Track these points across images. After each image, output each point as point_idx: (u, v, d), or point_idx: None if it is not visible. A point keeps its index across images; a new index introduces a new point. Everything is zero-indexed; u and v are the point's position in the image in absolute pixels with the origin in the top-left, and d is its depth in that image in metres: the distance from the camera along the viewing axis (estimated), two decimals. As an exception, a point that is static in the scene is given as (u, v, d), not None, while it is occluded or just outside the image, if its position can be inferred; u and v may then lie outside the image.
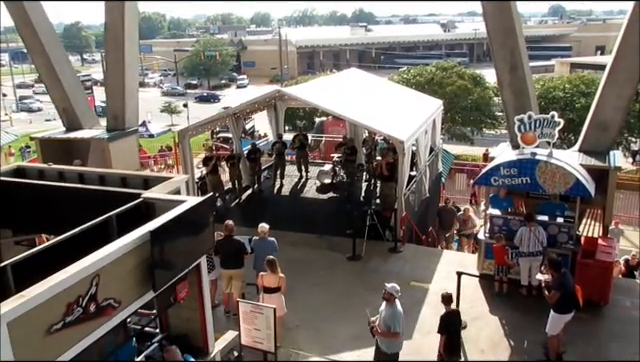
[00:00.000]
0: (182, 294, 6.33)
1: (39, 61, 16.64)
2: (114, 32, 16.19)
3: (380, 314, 7.92)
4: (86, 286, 4.75)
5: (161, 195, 6.50)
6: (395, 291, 7.80)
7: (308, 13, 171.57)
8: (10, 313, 4.03)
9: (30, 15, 15.87)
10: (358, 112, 14.55)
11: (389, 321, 7.74)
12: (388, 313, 7.78)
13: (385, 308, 7.85)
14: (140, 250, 5.34)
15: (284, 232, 11.66)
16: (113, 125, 16.92)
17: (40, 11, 16.32)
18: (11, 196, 7.45)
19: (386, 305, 7.85)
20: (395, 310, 7.79)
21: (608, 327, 9.80)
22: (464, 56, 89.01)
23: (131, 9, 16.26)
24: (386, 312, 7.81)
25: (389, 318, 7.75)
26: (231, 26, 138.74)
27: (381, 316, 7.87)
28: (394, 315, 7.75)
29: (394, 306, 7.80)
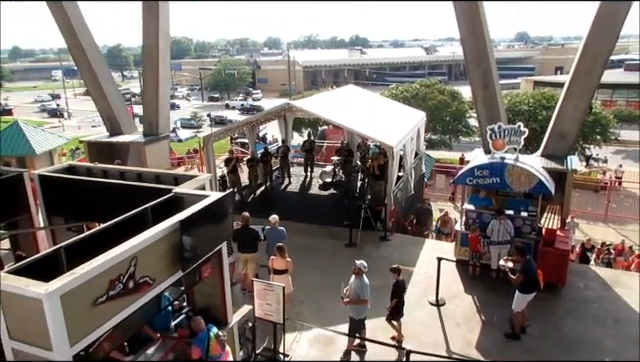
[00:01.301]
0: (206, 274, 6.32)
1: (87, 77, 16.66)
2: (150, 53, 16.21)
3: (350, 286, 8.04)
4: (126, 266, 4.74)
5: (189, 190, 6.48)
6: (363, 266, 7.98)
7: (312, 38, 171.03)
8: (63, 287, 4.03)
9: (80, 39, 15.91)
10: (354, 122, 14.58)
11: (359, 291, 7.90)
12: (357, 284, 7.93)
13: (355, 281, 7.99)
14: (171, 236, 5.33)
15: (291, 223, 11.65)
16: (148, 131, 16.95)
17: (88, 35, 16.36)
18: (64, 189, 7.46)
19: (355, 278, 7.99)
20: (363, 282, 7.96)
21: (565, 305, 9.82)
22: (444, 75, 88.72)
23: (164, 34, 16.28)
24: (356, 284, 7.95)
25: (359, 288, 7.91)
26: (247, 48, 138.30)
27: (351, 287, 8.00)
28: (363, 286, 7.93)
29: (362, 279, 7.97)
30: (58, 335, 4.05)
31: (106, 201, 7.13)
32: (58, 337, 4.05)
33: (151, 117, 16.93)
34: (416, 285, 10.58)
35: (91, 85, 16.90)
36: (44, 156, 18.92)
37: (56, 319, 4.00)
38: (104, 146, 16.60)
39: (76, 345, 4.27)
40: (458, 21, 12.52)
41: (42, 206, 7.75)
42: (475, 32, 12.37)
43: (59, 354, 4.11)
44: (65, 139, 23.66)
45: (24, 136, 19.29)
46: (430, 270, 10.80)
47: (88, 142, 17.22)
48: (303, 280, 9.96)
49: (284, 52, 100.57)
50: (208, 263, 6.26)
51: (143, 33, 16.11)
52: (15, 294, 4.06)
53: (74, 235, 7.80)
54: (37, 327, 4.06)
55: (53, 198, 7.72)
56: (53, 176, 7.61)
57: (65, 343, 4.13)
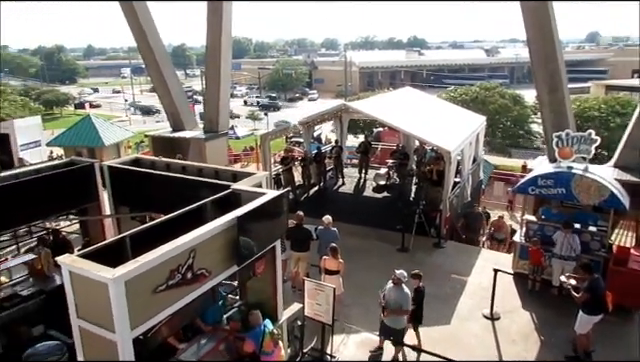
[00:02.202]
0: (259, 270, 6.43)
1: (154, 75, 17.45)
2: (213, 52, 16.75)
3: (387, 295, 7.81)
4: (185, 257, 4.90)
5: (246, 187, 6.61)
6: (403, 276, 7.75)
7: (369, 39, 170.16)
8: (127, 274, 4.23)
9: (149, 38, 16.67)
10: (411, 124, 14.35)
11: (401, 301, 7.68)
12: (399, 294, 7.71)
13: (394, 290, 7.75)
14: (228, 232, 5.45)
15: (343, 224, 11.62)
16: (209, 128, 17.52)
17: (156, 35, 17.12)
18: (130, 180, 7.85)
19: (395, 287, 7.76)
20: (404, 292, 7.73)
21: (638, 331, 9.03)
22: (505, 78, 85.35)
23: (227, 34, 16.75)
24: (396, 294, 7.72)
25: (401, 299, 7.69)
26: (305, 49, 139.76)
27: (390, 297, 7.77)
28: (405, 296, 7.71)
29: (403, 288, 7.74)
30: (121, 318, 4.26)
31: (168, 193, 7.44)
32: (121, 320, 4.26)
33: (212, 114, 17.49)
34: (469, 296, 10.27)
35: (157, 82, 17.69)
36: (112, 148, 20.06)
37: (120, 303, 4.21)
38: (167, 141, 17.33)
39: (136, 329, 4.47)
40: (525, 21, 12.05)
41: (110, 195, 8.20)
42: (543, 32, 11.85)
43: (121, 336, 4.32)
44: (131, 133, 24.97)
45: (95, 129, 20.53)
46: (484, 281, 10.45)
47: (152, 136, 18.06)
48: (353, 282, 9.92)
49: (341, 53, 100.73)
50: (262, 259, 6.36)
51: (207, 33, 16.67)
52: (84, 277, 4.32)
53: (138, 224, 8.20)
54: (102, 309, 4.29)
55: (120, 188, 8.15)
56: (121, 168, 8.03)
57: (127, 326, 4.33)
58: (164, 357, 5.87)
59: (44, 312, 7.35)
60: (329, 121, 19.40)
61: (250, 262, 5.98)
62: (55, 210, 8.14)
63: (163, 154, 12.19)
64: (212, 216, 5.84)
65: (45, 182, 7.73)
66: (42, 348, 6.28)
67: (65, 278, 4.46)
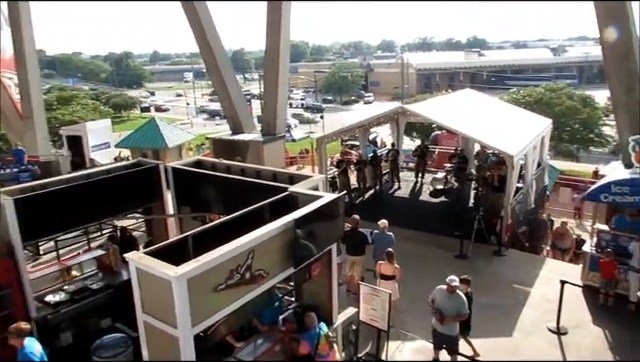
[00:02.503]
0: (315, 272, 6.45)
1: (215, 79, 18.05)
2: (271, 57, 17.06)
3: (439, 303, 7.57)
4: (244, 258, 5.00)
5: (303, 190, 6.66)
6: (453, 282, 7.52)
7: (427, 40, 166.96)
8: (190, 272, 4.37)
9: (211, 43, 17.25)
10: (471, 128, 13.92)
11: (459, 307, 7.46)
12: (456, 301, 7.47)
13: (449, 298, 7.50)
14: (286, 234, 5.51)
15: (399, 228, 11.45)
16: (266, 131, 17.86)
17: (217, 40, 17.68)
18: (192, 181, 8.14)
19: (449, 295, 7.50)
20: (461, 297, 7.51)
21: None
22: (573, 78, 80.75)
23: (285, 38, 17.02)
24: (453, 301, 7.48)
25: (458, 305, 7.46)
26: (361, 51, 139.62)
27: (444, 304, 7.52)
28: (462, 301, 7.48)
29: (458, 294, 7.51)
30: (183, 315, 4.40)
31: (228, 195, 7.65)
32: (183, 316, 4.41)
33: (269, 117, 17.82)
34: (533, 307, 9.79)
35: (218, 86, 18.27)
36: (174, 150, 20.93)
37: (182, 300, 4.35)
38: (226, 143, 17.84)
39: (197, 326, 4.61)
40: (598, 19, 11.36)
41: (173, 195, 8.54)
42: (620, 29, 11.10)
43: (182, 332, 4.47)
44: (192, 135, 25.94)
45: (159, 131, 21.51)
46: (550, 293, 9.92)
47: (213, 139, 18.67)
48: (409, 288, 9.73)
49: (397, 55, 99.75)
50: (318, 262, 6.38)
51: (266, 38, 17.01)
52: (150, 273, 4.51)
53: (198, 224, 8.50)
54: (165, 305, 4.46)
55: (182, 189, 8.47)
56: (184, 169, 8.35)
57: (188, 323, 4.47)
58: (222, 355, 6.01)
59: (111, 305, 7.76)
60: (385, 124, 19.20)
61: (306, 264, 6.01)
62: (123, 209, 8.57)
63: (223, 156, 12.56)
64: (270, 218, 5.93)
65: (114, 182, 8.16)
66: (109, 340, 6.63)
67: (132, 274, 4.67)
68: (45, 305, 7.29)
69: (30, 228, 6.87)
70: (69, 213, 7.47)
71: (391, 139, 19.52)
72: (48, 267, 8.48)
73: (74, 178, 8.20)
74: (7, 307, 6.68)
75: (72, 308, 7.37)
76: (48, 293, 7.61)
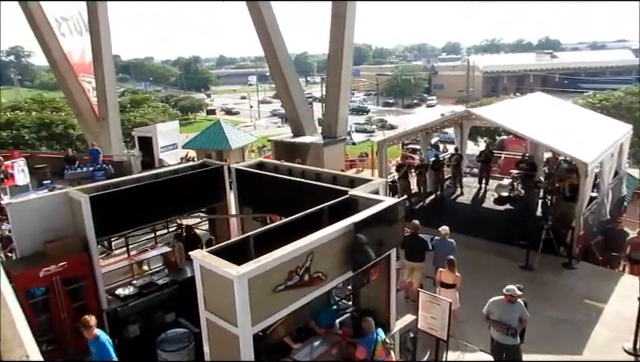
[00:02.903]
0: (374, 277, 6.41)
1: (278, 82, 18.42)
2: (334, 60, 17.18)
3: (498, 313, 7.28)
4: (303, 260, 5.04)
5: (364, 194, 6.63)
6: (515, 293, 7.22)
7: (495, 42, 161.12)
8: (251, 272, 4.47)
9: (275, 48, 17.62)
10: (541, 133, 13.26)
11: (522, 314, 7.23)
12: (519, 310, 7.23)
13: (510, 308, 7.22)
14: (345, 237, 5.51)
15: (461, 235, 11.12)
16: (327, 133, 18.00)
17: (282, 44, 18.03)
18: (254, 182, 8.34)
19: (509, 305, 7.22)
20: (521, 305, 7.27)
21: None
22: (658, 81, 74.93)
23: (349, 42, 17.07)
24: (515, 311, 7.21)
25: (522, 312, 7.23)
26: (425, 54, 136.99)
27: (503, 315, 7.23)
28: (523, 309, 7.27)
29: (518, 303, 7.25)
30: (243, 313, 4.51)
31: (288, 197, 7.76)
32: (243, 315, 4.52)
33: (330, 120, 17.94)
34: (607, 326, 9.15)
35: (281, 90, 18.64)
36: (237, 151, 21.57)
37: (243, 299, 4.46)
38: (288, 145, 18.15)
39: (257, 325, 4.71)
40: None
41: (235, 196, 8.78)
42: None
43: (242, 330, 4.58)
44: (255, 137, 26.60)
45: (223, 133, 22.26)
46: (626, 311, 9.22)
47: (275, 141, 19.08)
48: (470, 298, 9.41)
49: (463, 57, 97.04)
50: (377, 267, 6.33)
51: (330, 41, 17.15)
52: (212, 272, 4.66)
53: (259, 224, 8.70)
54: (227, 303, 4.59)
55: (245, 190, 8.70)
56: (247, 170, 8.57)
57: (248, 322, 4.58)
58: (280, 355, 6.10)
59: (176, 301, 8.10)
60: (448, 128, 18.75)
61: (365, 269, 5.99)
62: (188, 208, 8.93)
63: (284, 158, 12.78)
64: (329, 221, 5.95)
65: (181, 182, 8.52)
66: (172, 334, 6.93)
67: (196, 272, 4.85)
68: (115, 298, 7.74)
69: (103, 224, 7.31)
70: (139, 211, 7.89)
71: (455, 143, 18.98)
72: (118, 262, 9.00)
73: (144, 178, 8.65)
74: (82, 298, 7.15)
75: (140, 302, 7.77)
76: (118, 286, 8.08)
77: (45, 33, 21.41)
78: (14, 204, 7.25)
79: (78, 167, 18.68)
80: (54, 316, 6.86)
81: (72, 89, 22.40)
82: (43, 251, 6.93)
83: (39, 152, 26.38)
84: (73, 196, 7.12)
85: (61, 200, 7.24)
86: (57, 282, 6.78)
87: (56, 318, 6.88)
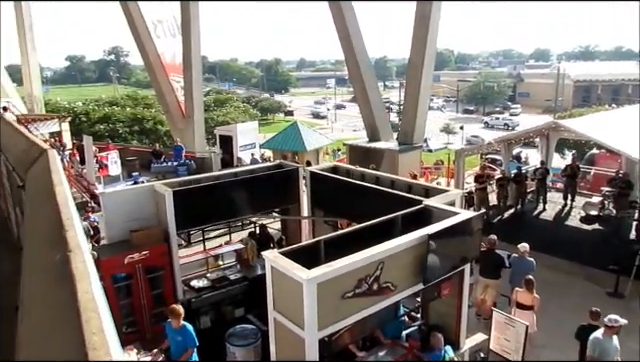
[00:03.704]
0: (445, 291, 6.19)
1: (357, 86, 18.42)
2: (415, 65, 16.88)
3: (607, 351, 6.60)
4: (373, 268, 4.97)
5: (439, 205, 6.43)
6: (619, 323, 6.65)
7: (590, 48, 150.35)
8: (320, 277, 4.47)
9: (356, 52, 17.65)
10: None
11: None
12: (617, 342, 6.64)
13: (610, 340, 6.62)
14: (417, 248, 5.36)
15: (541, 254, 10.45)
16: (403, 140, 17.72)
17: (362, 48, 18.02)
18: (327, 186, 8.37)
19: (612, 337, 6.64)
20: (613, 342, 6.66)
21: None
22: None
23: (431, 47, 16.70)
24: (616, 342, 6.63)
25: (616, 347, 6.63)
26: (511, 60, 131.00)
27: (611, 351, 6.61)
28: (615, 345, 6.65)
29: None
30: (310, 317, 4.52)
31: (360, 202, 7.71)
32: (310, 319, 4.53)
33: (408, 127, 17.65)
34: None
35: (359, 94, 18.63)
36: (312, 153, 21.82)
37: (311, 303, 4.47)
38: (363, 150, 18.09)
39: (323, 330, 4.71)
40: None
41: (309, 198, 8.87)
42: None
43: (309, 334, 4.60)
44: (330, 140, 26.80)
45: (299, 134, 22.64)
46: None
47: (350, 145, 19.07)
48: (548, 322, 8.81)
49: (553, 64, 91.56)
50: (449, 281, 6.11)
51: (412, 46, 16.87)
52: (283, 273, 4.72)
53: (330, 228, 8.73)
54: (295, 306, 4.62)
55: (318, 192, 8.76)
56: (321, 173, 8.62)
57: (315, 326, 4.59)
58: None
59: (245, 297, 8.32)
60: (534, 138, 17.74)
61: (436, 282, 5.80)
62: (263, 207, 9.15)
63: (357, 163, 12.73)
64: (401, 230, 5.82)
65: (258, 182, 8.75)
66: (240, 329, 7.11)
67: (267, 272, 4.94)
68: (190, 289, 8.10)
69: (183, 218, 7.67)
70: (217, 207, 8.21)
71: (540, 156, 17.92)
72: (194, 255, 9.41)
73: (223, 175, 8.99)
74: (160, 287, 7.55)
75: (212, 295, 8.07)
76: (193, 278, 8.44)
77: (142, 34, 23.02)
78: (106, 193, 7.82)
79: (164, 161, 19.86)
80: (135, 301, 7.31)
81: (163, 88, 23.88)
82: (128, 239, 7.39)
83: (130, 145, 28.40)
84: (158, 189, 7.54)
85: (147, 192, 7.69)
86: (139, 269, 7.20)
87: (136, 303, 7.32)
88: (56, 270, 1.08)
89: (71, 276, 0.99)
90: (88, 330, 0.85)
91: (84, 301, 0.91)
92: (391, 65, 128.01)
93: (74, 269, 1.02)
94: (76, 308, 0.89)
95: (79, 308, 0.89)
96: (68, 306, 0.91)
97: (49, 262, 1.19)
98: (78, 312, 0.88)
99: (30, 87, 28.73)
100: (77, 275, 0.99)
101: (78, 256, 1.09)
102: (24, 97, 29.01)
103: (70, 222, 1.35)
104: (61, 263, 1.06)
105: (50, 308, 1.04)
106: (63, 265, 1.05)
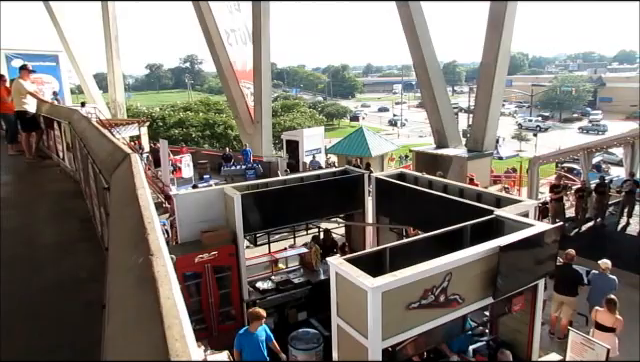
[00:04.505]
0: (516, 307, 5.87)
1: (425, 92, 18.07)
2: (487, 69, 16.30)
3: None
4: (440, 279, 4.83)
5: (511, 215, 6.12)
6: None
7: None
8: (386, 286, 4.40)
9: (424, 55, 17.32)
10: None
11: None
12: None
13: None
14: (488, 260, 5.13)
15: (623, 271, 9.68)
16: (473, 146, 17.14)
17: (431, 53, 17.66)
18: (393, 193, 8.25)
19: None
20: None
21: None
22: None
23: (505, 51, 16.05)
24: None
25: None
26: (591, 63, 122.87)
27: None
28: None
29: None
30: (375, 326, 4.45)
31: (427, 211, 7.53)
32: (374, 328, 4.46)
33: (478, 133, 17.05)
34: None
35: (427, 99, 18.26)
36: (377, 159, 21.66)
37: (375, 312, 4.40)
38: (430, 157, 17.70)
39: (387, 340, 4.61)
40: None
41: (374, 205, 8.79)
42: None
43: (372, 343, 4.52)
44: (395, 146, 26.49)
45: (365, 140, 22.56)
46: None
47: (416, 152, 18.73)
48: (632, 346, 8.12)
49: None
50: (521, 296, 5.80)
51: (484, 50, 16.30)
52: (347, 280, 4.68)
53: (395, 236, 8.60)
54: (359, 313, 4.57)
55: (383, 199, 8.66)
56: (387, 180, 8.52)
57: (379, 335, 4.51)
58: (406, 374, 5.92)
59: (308, 301, 8.38)
60: (616, 147, 16.52)
61: (507, 297, 5.52)
62: (328, 212, 9.18)
63: (425, 169, 12.47)
64: (470, 241, 5.61)
65: (323, 187, 8.80)
66: (303, 333, 7.16)
67: (331, 278, 4.93)
68: (255, 290, 8.27)
69: (251, 220, 7.86)
70: (283, 211, 8.33)
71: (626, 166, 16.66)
72: (260, 257, 9.61)
73: (290, 180, 9.12)
74: (226, 287, 7.78)
75: (276, 297, 8.20)
76: (258, 280, 8.62)
77: (216, 43, 24.01)
78: (180, 195, 8.19)
79: (233, 165, 20.56)
80: (203, 300, 7.58)
81: (234, 94, 24.75)
82: (198, 239, 7.69)
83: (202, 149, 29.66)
84: (227, 192, 7.79)
85: (217, 195, 7.97)
86: (208, 269, 7.47)
87: (205, 302, 7.59)
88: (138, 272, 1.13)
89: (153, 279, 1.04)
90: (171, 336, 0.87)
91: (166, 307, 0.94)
92: (460, 70, 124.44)
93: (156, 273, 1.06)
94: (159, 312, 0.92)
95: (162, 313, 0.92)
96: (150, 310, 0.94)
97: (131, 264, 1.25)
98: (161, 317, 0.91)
99: (114, 93, 30.89)
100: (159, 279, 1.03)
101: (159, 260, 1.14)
102: (108, 103, 31.22)
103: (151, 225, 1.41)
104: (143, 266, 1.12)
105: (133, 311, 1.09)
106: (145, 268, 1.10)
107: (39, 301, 3.62)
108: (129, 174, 2.26)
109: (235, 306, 7.85)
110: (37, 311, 3.46)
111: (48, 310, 3.47)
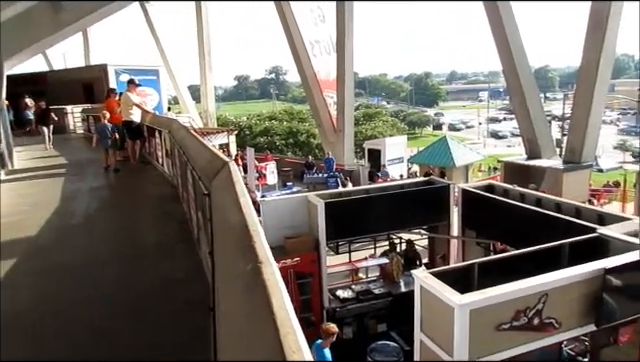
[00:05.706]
0: (624, 338, 5.34)
1: (516, 99, 17.16)
2: (587, 73, 15.13)
3: None
4: (534, 301, 4.54)
5: (618, 234, 5.60)
6: None
7: None
8: (474, 303, 4.22)
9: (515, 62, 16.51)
10: None
11: None
12: None
13: None
14: (590, 283, 4.74)
15: None
16: (569, 158, 15.96)
17: (523, 58, 16.78)
18: (481, 205, 7.91)
19: None
20: None
21: None
22: None
23: (608, 52, 14.82)
24: None
25: None
26: None
27: None
28: None
29: None
30: (461, 345, 4.28)
31: (519, 226, 7.12)
32: (461, 347, 4.28)
33: (575, 143, 15.85)
34: None
35: (518, 107, 17.33)
36: (461, 169, 20.90)
37: (463, 330, 4.23)
38: (519, 168, 16.74)
39: (474, 361, 4.40)
40: None
41: (459, 217, 8.48)
42: None
43: (458, 362, 4.34)
44: (481, 156, 25.43)
45: (448, 149, 21.89)
46: None
47: (505, 162, 17.82)
48: None
49: None
50: (630, 326, 5.26)
51: (584, 52, 15.14)
52: (433, 294, 4.55)
53: (482, 250, 8.22)
54: (444, 330, 4.42)
55: (470, 212, 8.33)
56: (474, 192, 8.19)
57: (465, 355, 4.32)
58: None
59: (389, 312, 8.24)
60: None
61: (613, 326, 5.05)
62: (411, 223, 8.98)
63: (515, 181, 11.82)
64: (569, 261, 5.22)
65: (406, 197, 8.64)
66: (383, 345, 7.05)
67: (416, 291, 4.81)
68: (335, 298, 8.28)
69: (333, 228, 7.90)
70: (365, 220, 8.29)
71: None
72: (340, 265, 9.62)
73: (372, 189, 9.07)
74: (307, 293, 7.87)
75: (356, 306, 8.15)
76: (338, 288, 8.62)
77: (301, 54, 24.62)
78: (266, 201, 8.45)
79: (315, 173, 20.87)
80: (286, 305, 7.71)
81: (317, 103, 25.18)
82: (282, 245, 7.86)
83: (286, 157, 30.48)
84: (311, 200, 7.90)
85: (301, 202, 8.12)
86: (291, 274, 7.60)
87: (287, 307, 7.71)
88: (248, 279, 1.17)
89: (263, 287, 1.07)
90: (287, 347, 0.89)
91: (281, 317, 0.97)
92: (554, 75, 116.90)
93: (266, 281, 1.09)
94: (273, 321, 0.95)
95: (276, 322, 0.94)
96: (264, 318, 0.97)
97: (240, 270, 1.30)
98: (275, 326, 0.94)
99: (206, 104, 32.76)
100: (269, 287, 1.06)
101: (267, 268, 1.17)
102: (201, 113, 33.14)
103: (256, 233, 1.46)
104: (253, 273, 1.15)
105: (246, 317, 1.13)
106: (254, 275, 1.13)
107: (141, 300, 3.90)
108: (229, 182, 2.37)
109: (315, 313, 7.90)
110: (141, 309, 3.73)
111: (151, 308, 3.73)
